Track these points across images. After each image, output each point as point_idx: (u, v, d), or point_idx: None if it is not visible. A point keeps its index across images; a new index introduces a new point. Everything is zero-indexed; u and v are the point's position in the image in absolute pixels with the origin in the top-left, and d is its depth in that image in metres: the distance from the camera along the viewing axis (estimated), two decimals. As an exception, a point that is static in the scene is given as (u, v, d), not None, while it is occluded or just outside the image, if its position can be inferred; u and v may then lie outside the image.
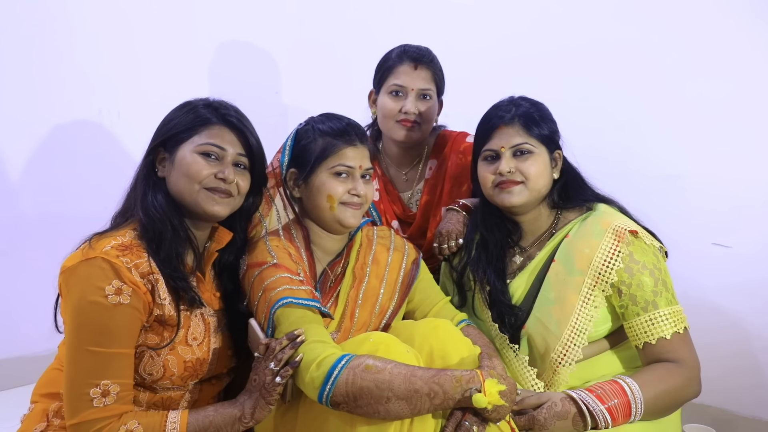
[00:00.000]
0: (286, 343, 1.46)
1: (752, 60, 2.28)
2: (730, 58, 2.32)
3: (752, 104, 2.30)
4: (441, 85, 2.27)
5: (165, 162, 1.56)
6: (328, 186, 1.70)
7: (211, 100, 1.60)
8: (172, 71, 3.06)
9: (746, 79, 2.30)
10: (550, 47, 2.70)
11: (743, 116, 2.32)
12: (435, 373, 1.40)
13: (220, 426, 1.43)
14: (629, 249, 1.68)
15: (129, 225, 1.50)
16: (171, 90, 2.92)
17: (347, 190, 1.70)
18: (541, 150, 1.80)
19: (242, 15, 3.32)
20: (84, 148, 2.89)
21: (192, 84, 2.37)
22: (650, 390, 1.58)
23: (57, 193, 2.83)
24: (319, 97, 3.07)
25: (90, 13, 2.83)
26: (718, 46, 2.33)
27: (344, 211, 1.71)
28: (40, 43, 2.71)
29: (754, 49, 2.26)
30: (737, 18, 2.30)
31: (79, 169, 2.89)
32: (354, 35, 3.28)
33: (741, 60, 2.30)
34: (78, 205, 2.87)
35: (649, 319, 1.66)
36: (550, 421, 1.54)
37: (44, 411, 1.47)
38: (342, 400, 1.38)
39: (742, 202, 2.27)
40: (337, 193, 1.69)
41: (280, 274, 1.59)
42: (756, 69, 2.27)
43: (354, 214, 1.72)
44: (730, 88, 2.33)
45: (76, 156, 2.88)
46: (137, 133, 2.98)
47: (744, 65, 2.30)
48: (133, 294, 1.38)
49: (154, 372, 1.45)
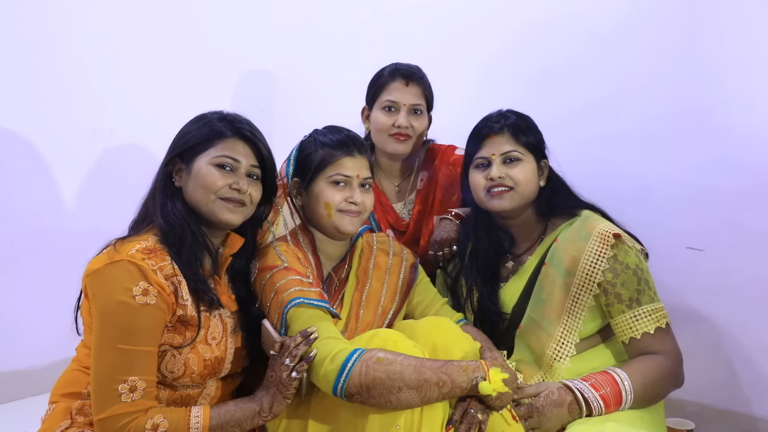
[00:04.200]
0: (300, 340, 1.53)
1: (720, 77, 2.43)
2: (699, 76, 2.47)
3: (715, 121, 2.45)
4: (430, 101, 2.39)
5: (182, 173, 1.63)
6: (325, 194, 1.78)
7: (225, 113, 1.68)
8: (163, 90, 3.12)
9: (713, 95, 2.45)
10: (530, 69, 2.82)
11: (708, 131, 2.46)
12: (443, 363, 1.50)
13: (241, 420, 1.50)
14: (613, 251, 1.79)
15: (150, 231, 1.57)
16: (162, 109, 3.04)
17: (344, 198, 1.78)
18: (529, 158, 1.92)
19: (231, 35, 3.40)
20: (77, 165, 2.95)
21: (182, 103, 2.43)
22: (639, 379, 1.70)
23: (51, 209, 2.87)
24: (305, 115, 3.15)
25: (83, 32, 2.89)
26: (688, 64, 2.48)
27: (342, 218, 1.79)
28: (34, 62, 2.77)
29: (722, 65, 2.41)
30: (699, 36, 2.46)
31: (72, 186, 2.94)
32: (340, 55, 3.37)
33: (709, 77, 2.45)
34: (72, 221, 2.92)
35: (633, 315, 1.77)
36: (548, 408, 1.64)
37: (67, 409, 1.51)
38: (356, 391, 1.46)
39: (713, 208, 2.41)
40: (334, 201, 1.77)
41: (291, 276, 1.67)
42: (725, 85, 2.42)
43: (352, 221, 1.79)
44: (694, 105, 2.48)
45: (70, 173, 2.93)
46: (130, 150, 3.10)
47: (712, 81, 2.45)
48: (159, 295, 1.45)
49: (175, 370, 1.52)
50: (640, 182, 2.57)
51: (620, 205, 2.13)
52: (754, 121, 2.32)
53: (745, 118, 2.34)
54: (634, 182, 2.58)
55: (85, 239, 2.40)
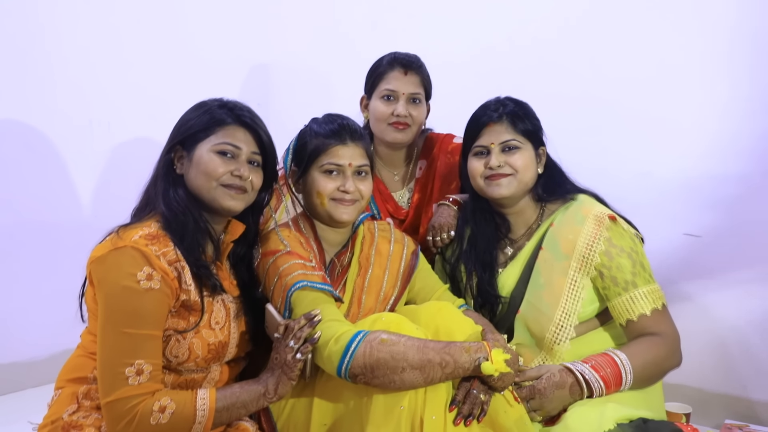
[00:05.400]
0: (305, 322, 1.55)
1: (715, 66, 2.46)
2: (696, 65, 2.50)
3: (712, 109, 2.48)
4: (429, 90, 2.40)
5: (183, 160, 1.64)
6: (318, 183, 1.79)
7: (225, 100, 1.69)
8: (161, 82, 3.12)
9: (709, 84, 2.48)
10: (529, 59, 2.84)
11: (705, 118, 2.49)
12: (446, 344, 1.51)
13: (246, 402, 1.52)
14: (608, 233, 1.81)
15: (152, 218, 1.58)
16: (159, 100, 3.03)
17: (336, 187, 1.78)
18: (527, 146, 1.94)
19: (228, 27, 3.40)
20: (75, 157, 2.94)
21: (179, 94, 2.44)
22: (637, 360, 1.72)
23: (49, 201, 2.86)
24: (301, 108, 3.15)
25: (81, 24, 2.89)
26: (686, 52, 2.50)
27: (335, 207, 1.79)
28: (31, 53, 2.76)
29: (717, 55, 2.44)
30: (699, 24, 2.49)
31: (70, 178, 2.94)
32: (337, 46, 3.38)
33: (705, 66, 2.48)
34: (69, 213, 2.92)
35: (629, 298, 1.79)
36: (550, 390, 1.66)
37: (73, 394, 1.52)
38: (360, 371, 1.48)
39: (710, 194, 2.44)
40: (326, 190, 1.78)
41: (294, 260, 1.69)
42: (719, 74, 2.45)
43: (346, 210, 1.80)
44: (694, 93, 2.51)
45: (68, 165, 2.92)
46: (127, 142, 3.10)
47: (708, 71, 2.47)
48: (163, 280, 1.46)
49: (180, 354, 1.53)
50: (638, 170, 2.60)
51: (617, 192, 2.15)
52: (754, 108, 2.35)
53: (746, 106, 2.37)
54: (631, 170, 2.60)
55: (83, 231, 2.40)
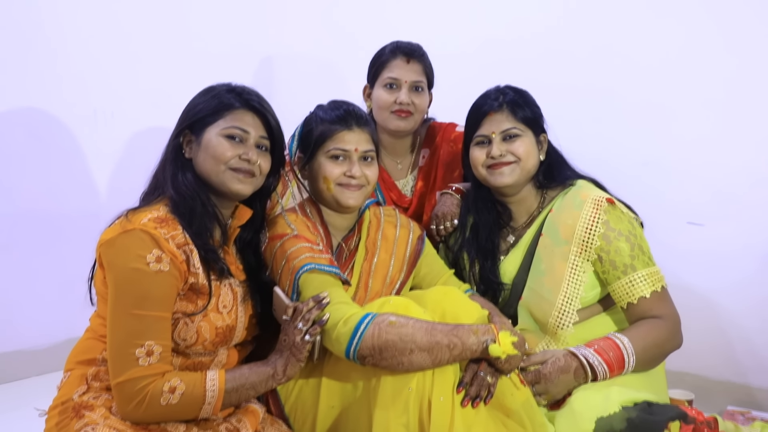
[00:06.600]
0: (313, 305, 1.56)
1: (716, 55, 2.47)
2: (697, 54, 2.51)
3: (713, 98, 2.49)
4: (431, 78, 2.41)
5: (192, 144, 1.64)
6: (324, 169, 1.80)
7: (234, 85, 1.69)
8: (165, 73, 3.13)
9: (710, 73, 2.50)
10: (530, 49, 2.86)
11: (707, 107, 2.51)
12: (453, 326, 1.53)
13: (255, 383, 1.53)
14: (606, 217, 1.82)
15: (161, 201, 1.58)
16: (163, 91, 3.03)
17: (343, 173, 1.79)
18: (528, 133, 1.95)
19: (232, 18, 3.40)
20: (79, 146, 2.95)
21: (184, 84, 2.44)
22: (639, 343, 1.74)
23: (53, 191, 2.88)
24: (305, 98, 3.16)
25: (85, 14, 2.90)
26: (687, 42, 2.52)
27: (342, 192, 1.80)
28: (35, 43, 2.77)
29: (718, 43, 2.45)
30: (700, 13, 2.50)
31: (74, 168, 2.95)
32: (341, 37, 3.38)
33: (706, 55, 2.50)
34: (73, 202, 2.93)
35: (628, 281, 1.81)
36: (555, 374, 1.68)
37: (83, 376, 1.53)
38: (368, 353, 1.49)
39: (712, 183, 2.45)
40: (332, 176, 1.79)
41: (301, 243, 1.70)
42: (720, 63, 2.46)
43: (352, 195, 1.80)
44: (696, 82, 2.52)
45: (72, 154, 2.94)
46: (131, 132, 3.11)
47: (709, 60, 2.49)
48: (172, 262, 1.47)
49: (188, 338, 1.54)
50: (640, 159, 2.61)
51: (620, 182, 2.16)
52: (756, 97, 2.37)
53: (748, 95, 2.38)
54: (634, 159, 2.62)
55: (87, 221, 2.41)
